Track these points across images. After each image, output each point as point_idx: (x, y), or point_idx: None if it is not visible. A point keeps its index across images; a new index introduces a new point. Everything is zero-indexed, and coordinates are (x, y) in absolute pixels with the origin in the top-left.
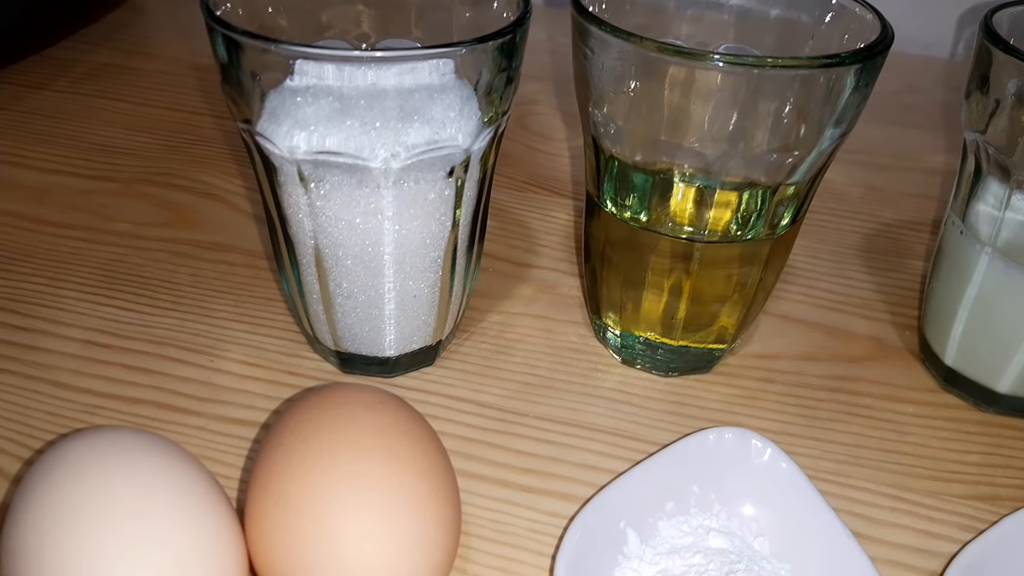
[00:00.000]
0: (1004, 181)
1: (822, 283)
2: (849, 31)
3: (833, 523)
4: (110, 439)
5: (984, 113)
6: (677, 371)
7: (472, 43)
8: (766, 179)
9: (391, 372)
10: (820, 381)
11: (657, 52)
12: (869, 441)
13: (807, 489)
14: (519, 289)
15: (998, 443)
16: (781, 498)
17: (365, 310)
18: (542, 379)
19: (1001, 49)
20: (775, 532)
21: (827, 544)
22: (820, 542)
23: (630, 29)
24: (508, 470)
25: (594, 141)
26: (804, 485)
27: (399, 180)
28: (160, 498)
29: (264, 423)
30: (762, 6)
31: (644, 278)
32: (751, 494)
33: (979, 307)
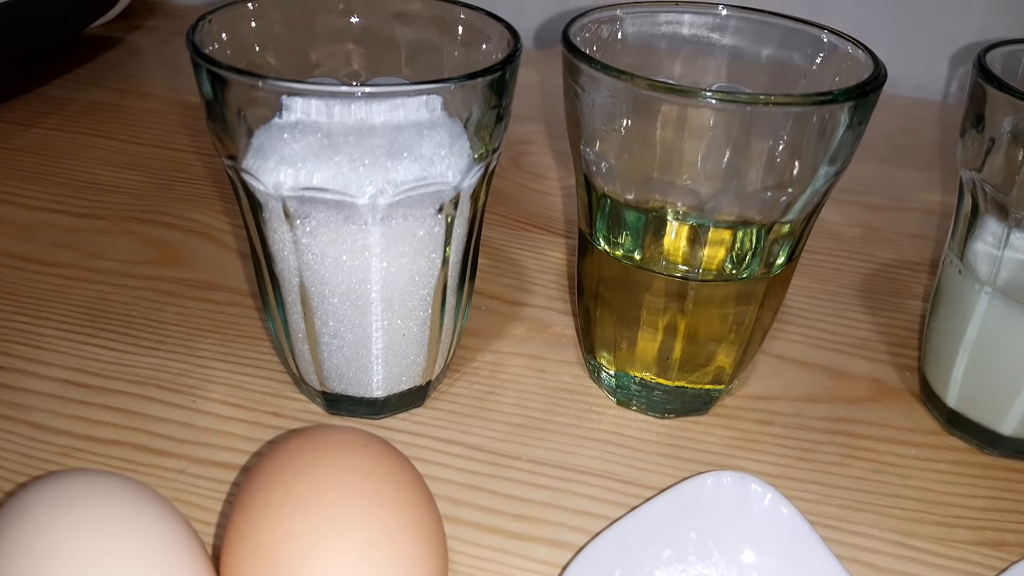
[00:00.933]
0: (1002, 219)
1: (820, 323)
2: (841, 70)
3: (837, 571)
4: (81, 483)
5: (980, 151)
6: (673, 412)
7: (462, 79)
8: (760, 217)
9: (379, 413)
10: (820, 423)
11: (648, 89)
12: (871, 485)
13: (809, 536)
14: (512, 328)
15: (1003, 487)
16: (782, 545)
17: (352, 349)
18: (535, 421)
19: (995, 87)
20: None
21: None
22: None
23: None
24: (499, 516)
25: (586, 179)
26: (806, 531)
27: (387, 217)
28: (130, 545)
29: (244, 466)
30: (754, 46)
31: (638, 317)
32: (751, 541)
33: (980, 348)
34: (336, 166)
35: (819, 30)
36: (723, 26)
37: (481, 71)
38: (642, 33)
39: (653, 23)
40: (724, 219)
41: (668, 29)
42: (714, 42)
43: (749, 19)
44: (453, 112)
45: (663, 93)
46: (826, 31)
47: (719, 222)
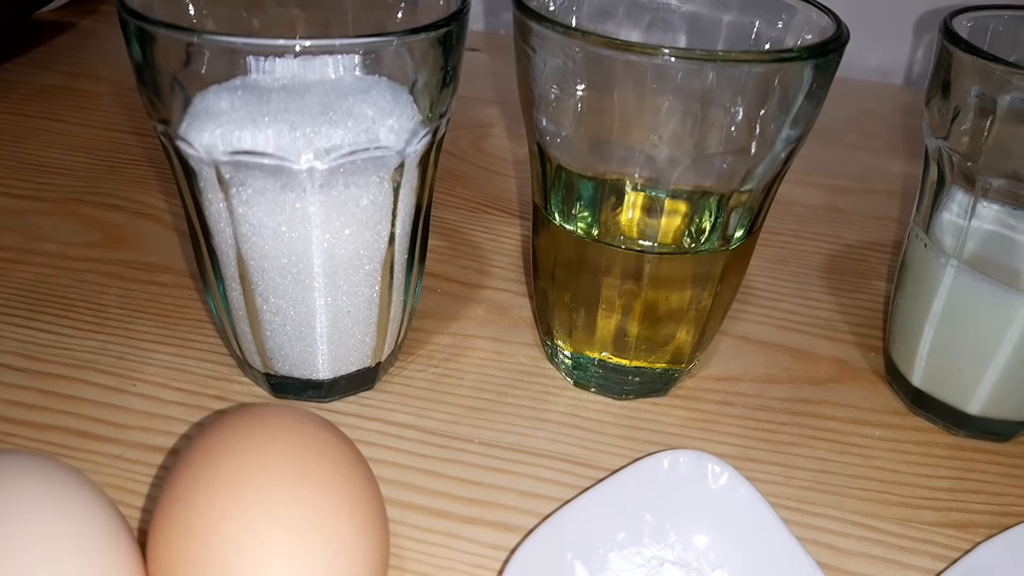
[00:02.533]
0: (968, 189)
1: (784, 304)
2: (803, 33)
3: (797, 553)
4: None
5: (946, 119)
6: (632, 394)
7: (401, 35)
8: (719, 186)
9: (327, 396)
10: (782, 404)
11: (601, 47)
12: (834, 466)
13: (769, 517)
14: (469, 310)
15: (970, 467)
16: (741, 527)
17: (295, 328)
18: (489, 403)
19: (962, 49)
20: (734, 563)
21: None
22: (783, 574)
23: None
24: (448, 500)
25: (540, 149)
26: (766, 512)
27: (327, 184)
28: (50, 528)
29: (172, 448)
30: (715, 12)
31: (595, 294)
32: (708, 522)
33: (946, 323)
34: (270, 127)
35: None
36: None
37: (423, 27)
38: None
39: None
40: (682, 189)
41: None
42: (674, 9)
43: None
44: (397, 75)
45: (616, 51)
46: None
47: (677, 192)
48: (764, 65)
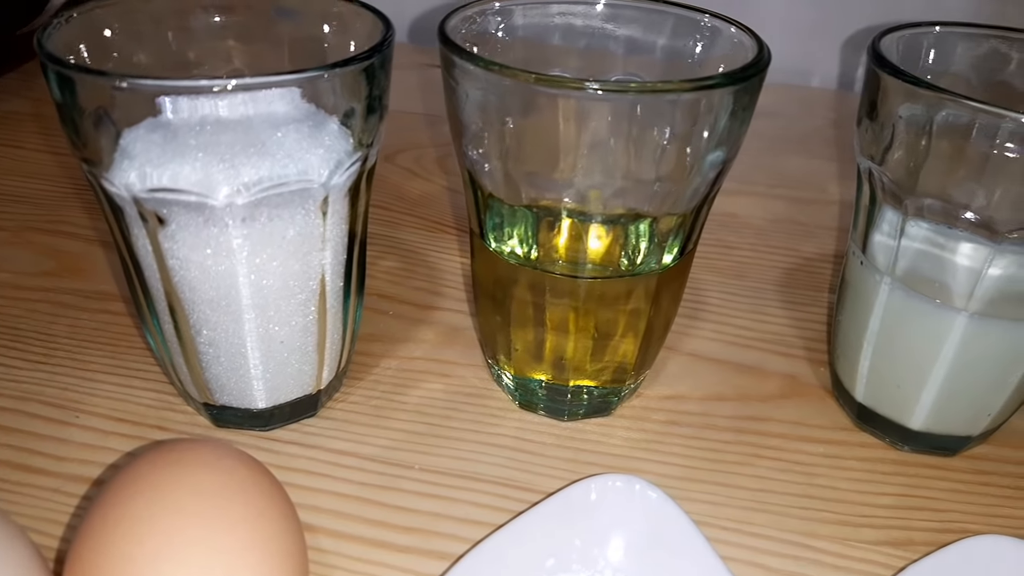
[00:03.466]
0: (897, 208)
1: (737, 319)
2: (730, 56)
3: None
4: None
5: (874, 139)
6: (576, 414)
7: (320, 70)
8: (649, 210)
9: (267, 425)
10: (728, 422)
11: (518, 80)
12: (776, 485)
13: (697, 540)
14: (420, 333)
15: (914, 483)
16: (670, 550)
17: (229, 359)
18: (433, 428)
19: (887, 72)
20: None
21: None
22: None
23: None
24: (385, 529)
25: (471, 178)
26: (694, 536)
27: (250, 218)
28: None
29: (96, 479)
30: (649, 36)
31: (531, 318)
32: (638, 546)
33: (883, 340)
34: (188, 164)
35: (701, 14)
36: (615, 16)
37: (343, 61)
38: (534, 25)
39: (544, 15)
40: (612, 214)
41: (561, 20)
42: (610, 33)
43: (640, 8)
44: (324, 106)
45: (534, 84)
46: (708, 15)
47: (607, 218)
48: (685, 94)
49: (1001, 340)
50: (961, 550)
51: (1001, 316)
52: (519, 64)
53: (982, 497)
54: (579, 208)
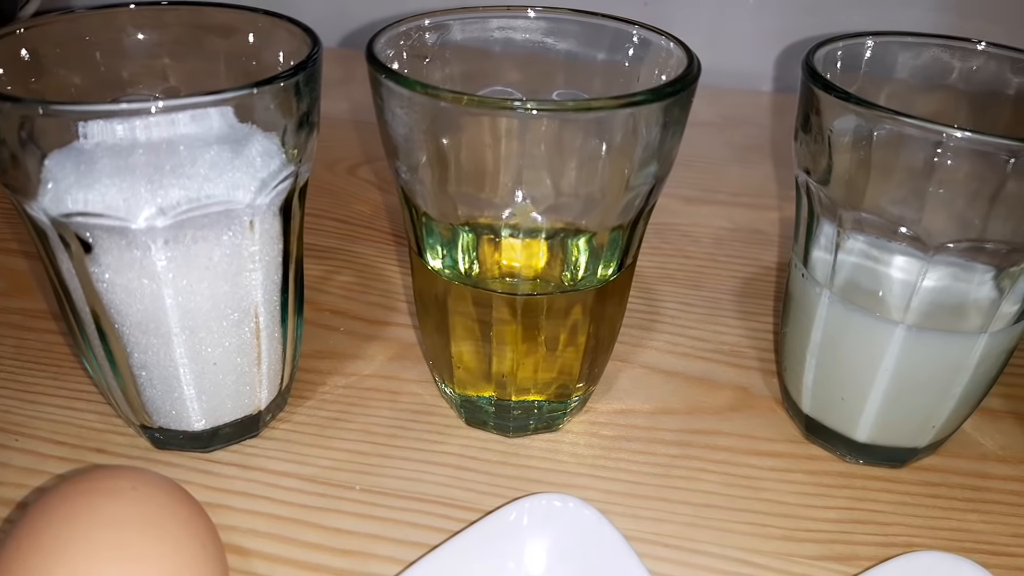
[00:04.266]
0: (833, 222)
1: (692, 331)
2: (667, 68)
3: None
4: None
5: (809, 153)
6: (523, 431)
7: (238, 90)
8: (585, 224)
9: (208, 446)
10: (676, 436)
11: (446, 101)
12: (720, 500)
13: (629, 560)
14: (371, 349)
15: (860, 496)
16: (603, 570)
17: (163, 382)
18: (377, 447)
19: (818, 86)
20: None
21: None
22: None
23: (453, 78)
24: (322, 552)
25: (405, 196)
26: (626, 555)
27: (173, 240)
28: None
29: (20, 502)
30: (588, 50)
31: (471, 335)
32: (571, 566)
33: (826, 352)
34: (107, 188)
35: (634, 27)
36: (555, 30)
37: (263, 80)
38: (473, 40)
39: (484, 29)
40: (547, 230)
41: (500, 35)
42: (549, 47)
43: (579, 22)
44: (246, 124)
45: (460, 105)
46: (640, 27)
47: (542, 233)
48: (613, 111)
49: (939, 351)
50: (899, 566)
51: (938, 328)
52: (459, 79)
53: (929, 510)
54: (514, 225)
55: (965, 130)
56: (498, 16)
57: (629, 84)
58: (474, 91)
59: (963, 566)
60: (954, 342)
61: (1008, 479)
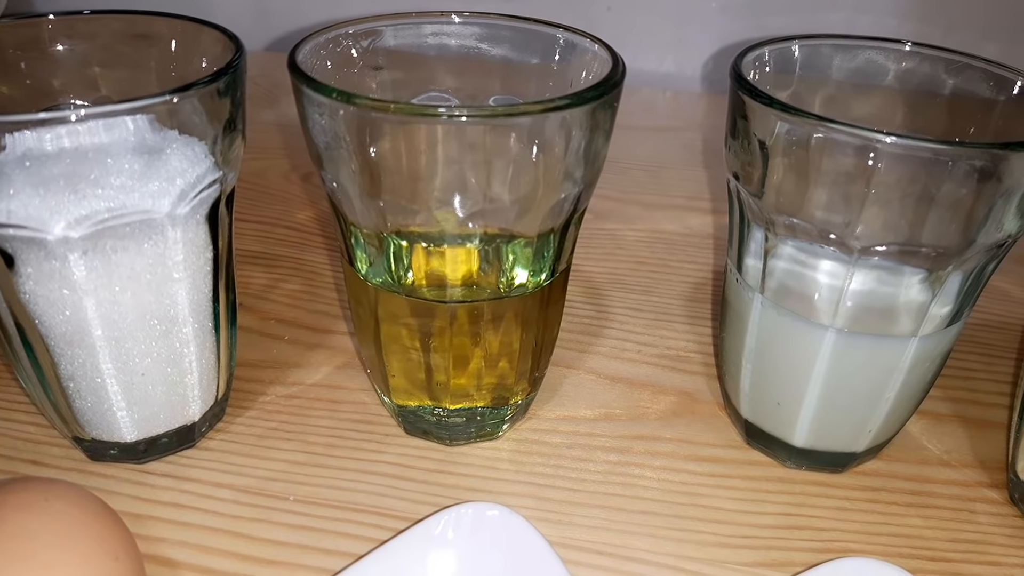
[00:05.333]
0: (762, 226)
1: (640, 336)
2: (594, 71)
3: None
4: None
5: (737, 158)
6: (462, 439)
7: (154, 98)
8: (514, 230)
9: (142, 457)
10: (617, 442)
11: (358, 108)
12: (658, 507)
13: (557, 569)
14: (314, 358)
15: (799, 501)
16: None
17: (91, 393)
18: (314, 457)
19: (744, 92)
20: None
21: None
22: None
23: (386, 85)
24: (250, 563)
25: (332, 204)
26: (553, 564)
27: (92, 251)
28: None
29: None
30: (521, 55)
31: (404, 343)
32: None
33: (760, 357)
34: (22, 199)
35: (561, 31)
36: (490, 36)
37: (181, 87)
38: (407, 45)
39: (418, 35)
40: (476, 236)
41: (434, 40)
42: (484, 52)
43: (513, 27)
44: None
45: (374, 112)
46: (567, 31)
47: (471, 240)
48: (534, 116)
49: (871, 355)
50: (824, 573)
51: (868, 332)
52: (393, 86)
53: (868, 515)
54: (441, 233)
55: (886, 133)
56: (431, 22)
57: (562, 87)
58: (410, 98)
59: (889, 572)
60: (885, 346)
61: (950, 483)
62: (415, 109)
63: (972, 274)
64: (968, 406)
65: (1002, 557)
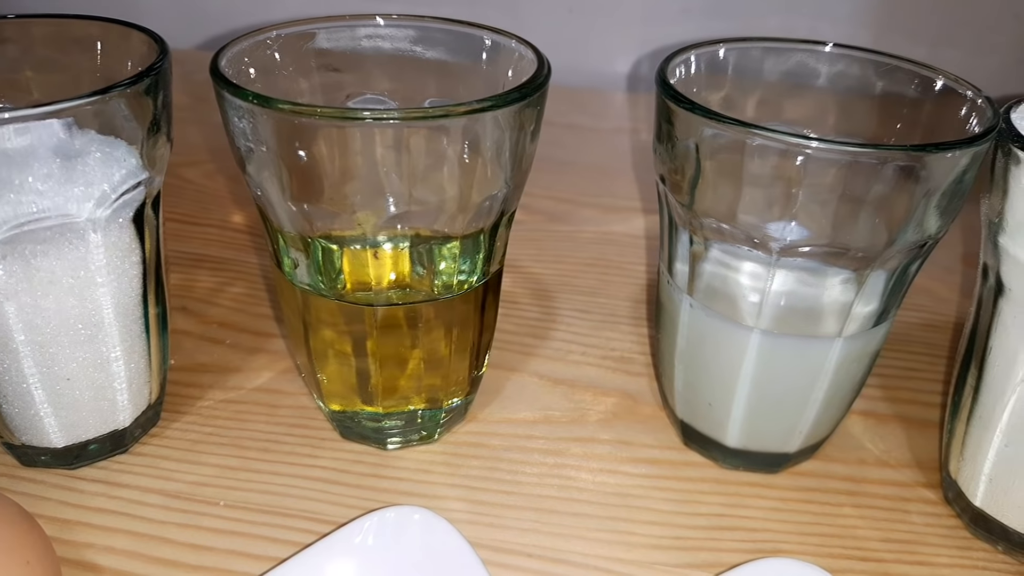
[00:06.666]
0: (687, 229)
1: (586, 339)
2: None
3: None
4: None
5: (662, 161)
6: (398, 443)
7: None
8: (443, 232)
9: (73, 463)
10: (556, 445)
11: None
12: (591, 509)
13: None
14: (255, 362)
15: (734, 502)
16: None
17: (17, 398)
18: (248, 462)
19: (666, 96)
20: None
21: None
22: None
23: (319, 88)
24: (176, 568)
25: (259, 208)
26: (475, 568)
27: (9, 256)
28: None
29: None
30: (455, 57)
31: (334, 347)
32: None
33: (690, 358)
34: None
35: (485, 32)
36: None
37: (97, 91)
38: (342, 48)
39: (352, 37)
40: (403, 238)
41: (369, 43)
42: (419, 56)
43: (446, 30)
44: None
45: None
46: (491, 32)
47: (399, 243)
48: (455, 118)
49: (796, 356)
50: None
51: (792, 333)
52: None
53: (800, 515)
54: (367, 236)
55: (804, 137)
56: (365, 25)
57: (493, 88)
58: (345, 101)
59: (808, 572)
60: (810, 347)
61: (887, 483)
62: (331, 112)
63: (895, 274)
64: (909, 406)
65: (932, 556)
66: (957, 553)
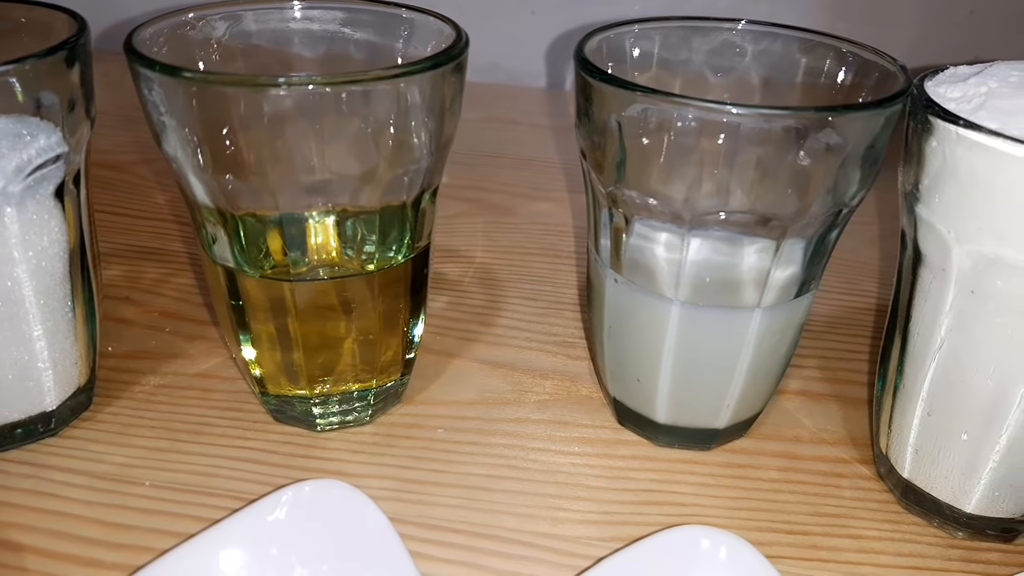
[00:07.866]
0: (606, 203)
1: (530, 324)
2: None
3: None
4: None
5: (582, 137)
6: (330, 425)
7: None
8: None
9: (3, 446)
10: (492, 426)
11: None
12: (522, 486)
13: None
14: (193, 348)
15: (664, 478)
16: (366, 556)
17: None
18: (177, 444)
19: (585, 71)
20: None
21: None
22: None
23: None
24: (97, 546)
25: (179, 186)
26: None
27: None
28: None
29: None
30: (380, 37)
31: (260, 326)
32: (336, 552)
33: (617, 334)
34: None
35: (405, 10)
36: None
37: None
38: (268, 31)
39: (280, 19)
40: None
41: (296, 25)
42: (345, 36)
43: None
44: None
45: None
46: (412, 11)
47: (314, 216)
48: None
49: (716, 328)
50: (659, 541)
51: (712, 304)
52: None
53: (730, 491)
54: (287, 208)
55: (711, 102)
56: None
57: None
58: None
59: (724, 539)
60: (730, 318)
61: (820, 459)
62: (238, 79)
63: (812, 242)
64: (847, 386)
65: (862, 530)
66: (887, 527)
